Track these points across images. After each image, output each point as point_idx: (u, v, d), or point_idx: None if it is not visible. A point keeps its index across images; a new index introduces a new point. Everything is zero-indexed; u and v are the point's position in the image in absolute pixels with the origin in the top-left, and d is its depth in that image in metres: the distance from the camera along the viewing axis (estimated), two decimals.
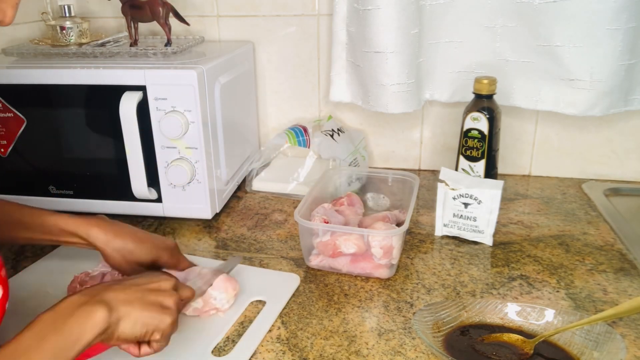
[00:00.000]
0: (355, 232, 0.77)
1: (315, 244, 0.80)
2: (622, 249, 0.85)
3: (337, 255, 0.78)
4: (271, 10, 1.14)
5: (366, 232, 0.77)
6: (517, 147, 1.13)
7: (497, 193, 0.83)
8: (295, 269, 0.82)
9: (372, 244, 0.76)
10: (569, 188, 1.08)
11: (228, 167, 1.00)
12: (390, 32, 0.96)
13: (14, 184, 0.97)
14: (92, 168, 0.94)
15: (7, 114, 0.92)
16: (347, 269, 0.79)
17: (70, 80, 0.88)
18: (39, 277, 0.81)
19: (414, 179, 0.92)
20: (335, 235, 0.78)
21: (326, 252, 0.78)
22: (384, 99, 1.03)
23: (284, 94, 1.21)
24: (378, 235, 0.76)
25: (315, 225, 0.79)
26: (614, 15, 0.89)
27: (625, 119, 1.05)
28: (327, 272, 0.80)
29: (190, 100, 0.86)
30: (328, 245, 0.78)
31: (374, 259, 0.77)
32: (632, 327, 0.67)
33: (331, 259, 0.79)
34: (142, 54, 0.96)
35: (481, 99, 0.95)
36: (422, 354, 0.63)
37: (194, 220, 0.97)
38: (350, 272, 0.79)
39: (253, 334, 0.67)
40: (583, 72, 0.95)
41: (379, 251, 0.76)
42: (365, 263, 0.78)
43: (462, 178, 0.88)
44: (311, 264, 0.81)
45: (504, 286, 0.76)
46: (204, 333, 0.67)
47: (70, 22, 1.03)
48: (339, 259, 0.79)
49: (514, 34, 0.99)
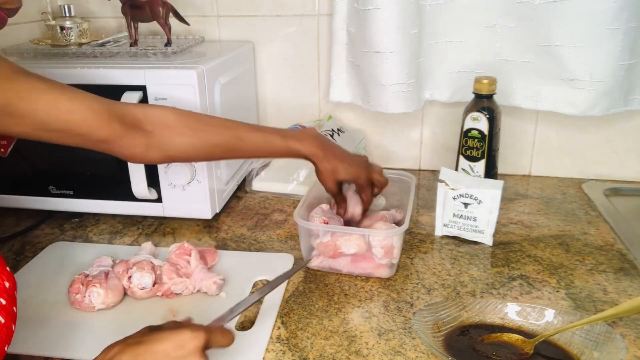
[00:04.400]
0: (356, 233, 0.77)
1: (315, 245, 0.80)
2: (622, 249, 0.85)
3: (337, 255, 0.78)
4: (271, 10, 1.14)
5: (367, 232, 0.77)
6: (517, 147, 1.13)
7: (497, 193, 0.83)
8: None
9: (373, 243, 0.76)
10: (569, 188, 1.08)
11: (228, 167, 1.00)
12: (390, 32, 0.96)
13: (14, 184, 0.97)
14: (92, 168, 0.94)
15: None
16: (348, 269, 0.79)
17: (71, 81, 0.88)
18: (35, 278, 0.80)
19: (410, 178, 0.92)
20: (336, 235, 0.78)
21: (327, 252, 0.78)
22: (384, 99, 1.03)
23: (284, 94, 1.21)
24: (379, 235, 0.76)
25: (316, 226, 0.79)
26: (614, 15, 0.89)
27: (625, 119, 1.05)
28: (327, 272, 0.80)
29: (190, 100, 0.86)
30: (328, 246, 0.78)
31: (374, 259, 0.77)
32: (632, 327, 0.67)
33: (332, 260, 0.79)
34: (142, 54, 0.96)
35: (481, 99, 0.95)
36: (422, 354, 0.63)
37: (194, 220, 0.97)
38: (351, 272, 0.79)
39: (266, 309, 0.71)
40: (583, 72, 0.95)
41: (380, 251, 0.76)
42: (366, 263, 0.78)
43: (462, 178, 0.88)
44: (311, 265, 0.81)
45: (504, 286, 0.76)
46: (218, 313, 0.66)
47: (70, 22, 1.03)
48: (339, 260, 0.79)
49: (514, 34, 0.99)
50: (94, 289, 0.72)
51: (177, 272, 0.76)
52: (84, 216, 0.99)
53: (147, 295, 0.74)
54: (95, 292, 0.72)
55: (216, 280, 0.75)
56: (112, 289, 0.73)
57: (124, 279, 0.74)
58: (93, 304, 0.71)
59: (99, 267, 0.77)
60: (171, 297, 0.75)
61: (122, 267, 0.76)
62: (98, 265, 0.78)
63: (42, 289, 0.77)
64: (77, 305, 0.72)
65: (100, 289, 0.72)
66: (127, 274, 0.75)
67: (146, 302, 0.74)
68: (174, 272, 0.76)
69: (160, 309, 0.73)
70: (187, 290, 0.75)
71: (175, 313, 0.71)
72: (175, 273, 0.75)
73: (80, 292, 0.72)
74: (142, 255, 0.80)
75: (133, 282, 0.74)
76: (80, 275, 0.75)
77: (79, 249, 0.88)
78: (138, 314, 0.72)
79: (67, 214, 0.98)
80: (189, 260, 0.78)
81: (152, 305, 0.74)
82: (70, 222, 0.97)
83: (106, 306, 0.72)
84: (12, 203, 0.98)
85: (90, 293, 0.72)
